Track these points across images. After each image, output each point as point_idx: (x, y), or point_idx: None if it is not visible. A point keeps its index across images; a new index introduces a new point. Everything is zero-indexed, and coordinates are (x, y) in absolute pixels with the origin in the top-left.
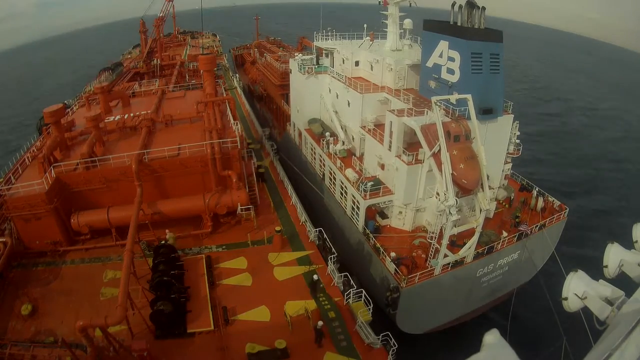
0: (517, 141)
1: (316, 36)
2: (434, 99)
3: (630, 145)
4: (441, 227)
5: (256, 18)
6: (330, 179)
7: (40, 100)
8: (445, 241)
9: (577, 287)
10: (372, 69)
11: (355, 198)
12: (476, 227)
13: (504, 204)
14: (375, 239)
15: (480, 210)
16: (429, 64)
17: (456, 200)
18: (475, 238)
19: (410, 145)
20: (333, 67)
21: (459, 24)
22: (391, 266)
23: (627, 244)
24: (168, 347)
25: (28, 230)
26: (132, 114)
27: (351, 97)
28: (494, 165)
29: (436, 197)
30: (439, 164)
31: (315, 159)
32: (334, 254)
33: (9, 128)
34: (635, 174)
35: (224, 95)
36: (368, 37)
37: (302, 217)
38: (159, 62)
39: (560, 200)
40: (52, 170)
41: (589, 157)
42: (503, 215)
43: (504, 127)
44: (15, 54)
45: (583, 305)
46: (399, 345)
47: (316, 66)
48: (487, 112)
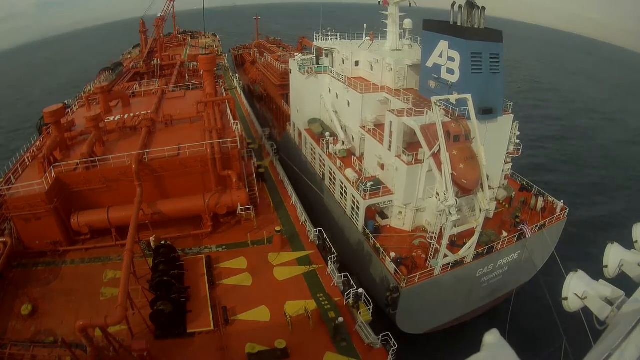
0: (517, 141)
1: (316, 36)
2: (433, 99)
3: (630, 145)
4: (441, 227)
5: (256, 18)
6: (330, 179)
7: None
8: (445, 241)
9: (577, 287)
10: (372, 69)
11: (355, 198)
12: (476, 227)
13: (504, 204)
14: (375, 239)
15: (480, 210)
16: (429, 64)
17: (456, 200)
18: (475, 238)
19: (410, 145)
20: (333, 67)
21: (458, 24)
22: (391, 266)
23: (627, 244)
24: (168, 347)
25: (28, 230)
26: (132, 114)
27: (351, 97)
28: (493, 165)
29: (436, 197)
30: (439, 164)
31: (315, 159)
32: (334, 254)
33: (8, 128)
34: (636, 174)
35: (224, 95)
36: (368, 37)
37: (302, 217)
38: (159, 62)
39: (560, 200)
40: (52, 170)
41: (589, 157)
42: (503, 215)
43: (503, 127)
44: (15, 54)
45: (583, 305)
46: (399, 345)
47: (316, 66)
48: (487, 112)
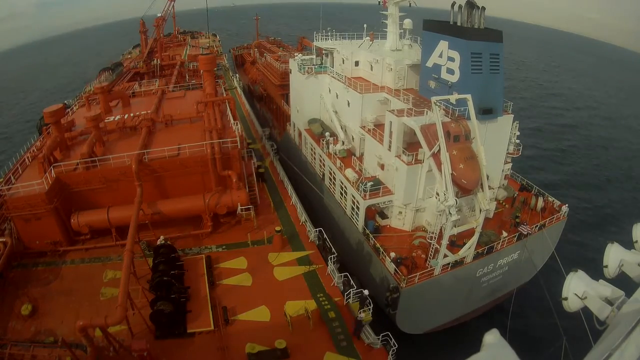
0: (517, 141)
1: (316, 36)
2: (433, 99)
3: (630, 145)
4: (441, 227)
5: (256, 18)
6: (330, 179)
7: (40, 100)
8: (445, 241)
9: (577, 287)
10: (372, 69)
11: (355, 198)
12: (476, 227)
13: (504, 204)
14: (375, 239)
15: (480, 211)
16: (429, 64)
17: (456, 200)
18: (475, 238)
19: (410, 145)
20: (333, 67)
21: (458, 24)
22: (391, 266)
23: (627, 244)
24: (168, 347)
25: (28, 230)
26: (132, 114)
27: (351, 97)
28: (493, 166)
29: (436, 197)
30: (439, 164)
31: (315, 159)
32: (334, 254)
33: (8, 128)
34: (636, 174)
35: (224, 95)
36: (368, 37)
37: (302, 217)
38: (159, 62)
39: (560, 200)
40: (52, 170)
41: (589, 157)
42: (503, 215)
43: (503, 127)
44: (15, 54)
45: (583, 305)
46: (399, 345)
47: (316, 66)
48: (486, 112)
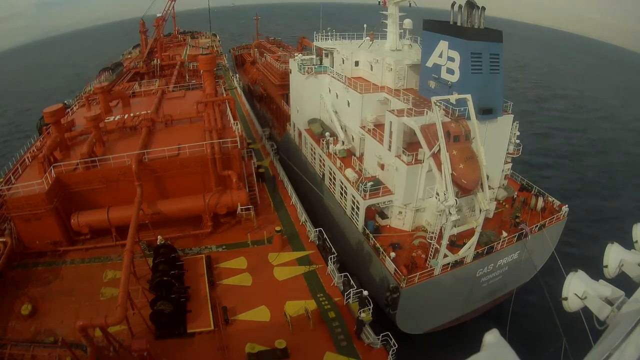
0: (517, 141)
1: (316, 36)
2: (433, 99)
3: (631, 145)
4: (441, 227)
5: (256, 18)
6: (330, 179)
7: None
8: (445, 241)
9: (577, 287)
10: (372, 69)
11: (355, 198)
12: (476, 227)
13: (504, 204)
14: (375, 239)
15: (480, 211)
16: (429, 64)
17: (456, 200)
18: (475, 238)
19: (410, 145)
20: (333, 67)
21: (458, 24)
22: (391, 266)
23: (627, 244)
24: (168, 347)
25: (28, 230)
26: (132, 114)
27: (351, 97)
28: (493, 166)
29: (436, 197)
30: (439, 164)
31: (315, 159)
32: (334, 254)
33: (8, 128)
34: (636, 174)
35: (224, 95)
36: (368, 37)
37: (302, 217)
38: (159, 62)
39: (560, 201)
40: (52, 170)
41: (589, 157)
42: (503, 215)
43: (503, 127)
44: (15, 54)
45: (583, 305)
46: (399, 345)
47: (316, 66)
48: (486, 112)
